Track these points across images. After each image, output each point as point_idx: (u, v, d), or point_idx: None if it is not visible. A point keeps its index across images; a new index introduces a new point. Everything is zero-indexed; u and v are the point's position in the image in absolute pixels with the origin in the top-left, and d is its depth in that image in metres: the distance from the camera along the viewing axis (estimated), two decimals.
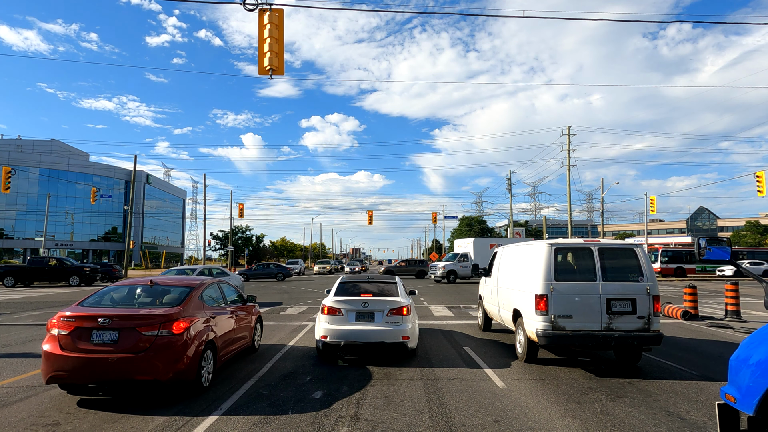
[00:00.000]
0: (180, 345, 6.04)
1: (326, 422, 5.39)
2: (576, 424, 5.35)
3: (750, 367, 3.08)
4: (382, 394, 6.50)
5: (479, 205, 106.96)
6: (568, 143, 44.14)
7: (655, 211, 44.40)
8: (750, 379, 3.05)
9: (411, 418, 5.55)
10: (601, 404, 6.10)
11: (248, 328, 8.82)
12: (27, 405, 6.06)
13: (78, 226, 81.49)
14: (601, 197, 47.81)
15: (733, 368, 3.26)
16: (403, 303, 8.50)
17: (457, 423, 5.38)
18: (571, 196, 44.20)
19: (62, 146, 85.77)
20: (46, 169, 78.06)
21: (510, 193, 54.64)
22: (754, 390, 3.00)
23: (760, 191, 28.67)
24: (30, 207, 76.38)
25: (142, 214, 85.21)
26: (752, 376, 3.04)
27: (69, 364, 5.81)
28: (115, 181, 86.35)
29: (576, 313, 7.65)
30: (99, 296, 6.87)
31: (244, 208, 78.86)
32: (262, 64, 9.73)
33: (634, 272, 7.85)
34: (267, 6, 9.61)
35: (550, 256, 7.92)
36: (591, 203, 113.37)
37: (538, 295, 7.76)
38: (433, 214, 60.51)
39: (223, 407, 5.91)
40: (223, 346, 7.34)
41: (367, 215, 52.46)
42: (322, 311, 8.57)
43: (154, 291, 7.00)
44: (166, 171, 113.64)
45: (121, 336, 5.91)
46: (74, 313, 6.08)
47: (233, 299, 8.58)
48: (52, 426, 5.29)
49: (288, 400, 6.22)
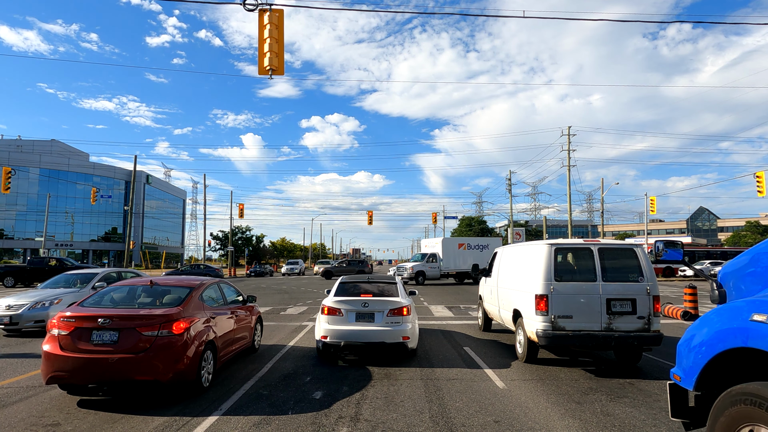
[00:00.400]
0: (180, 345, 6.04)
1: (326, 422, 5.39)
2: (576, 425, 5.35)
3: (692, 349, 3.35)
4: (382, 395, 6.50)
5: (479, 206, 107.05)
6: (568, 143, 44.14)
7: (655, 211, 44.37)
8: (691, 359, 3.34)
9: (411, 418, 5.55)
10: (601, 404, 6.10)
11: (248, 328, 8.82)
12: (27, 405, 6.06)
13: (78, 227, 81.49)
14: (601, 197, 47.83)
15: (679, 351, 3.56)
16: (403, 303, 8.50)
17: (458, 423, 5.38)
18: (571, 196, 44.24)
19: (62, 146, 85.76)
20: (46, 170, 78.05)
21: (510, 194, 54.66)
22: (694, 368, 3.29)
23: (760, 191, 28.67)
24: (30, 207, 76.37)
25: (142, 214, 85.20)
26: (692, 356, 3.32)
27: (69, 364, 5.81)
28: (115, 182, 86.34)
29: (576, 313, 7.65)
30: (99, 296, 6.87)
31: (244, 209, 78.90)
32: (262, 65, 9.73)
33: (634, 272, 7.85)
34: (267, 6, 9.62)
35: (550, 256, 7.92)
36: (591, 203, 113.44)
37: (538, 296, 7.75)
38: (433, 214, 60.52)
39: (223, 407, 5.91)
40: (223, 346, 7.34)
41: (367, 215, 52.41)
42: (322, 311, 8.57)
43: (155, 291, 7.01)
44: (166, 171, 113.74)
45: (121, 336, 5.91)
46: (74, 314, 6.08)
47: (233, 299, 8.58)
48: (53, 426, 5.29)
49: (288, 401, 6.22)
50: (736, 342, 2.91)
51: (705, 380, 3.27)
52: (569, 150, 44.02)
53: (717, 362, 3.17)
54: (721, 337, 3.06)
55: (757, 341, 2.76)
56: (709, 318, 3.30)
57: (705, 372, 3.23)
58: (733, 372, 3.21)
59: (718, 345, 3.06)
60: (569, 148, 44.05)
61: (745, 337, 2.85)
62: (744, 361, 3.12)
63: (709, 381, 3.29)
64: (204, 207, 56.71)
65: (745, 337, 2.85)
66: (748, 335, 2.84)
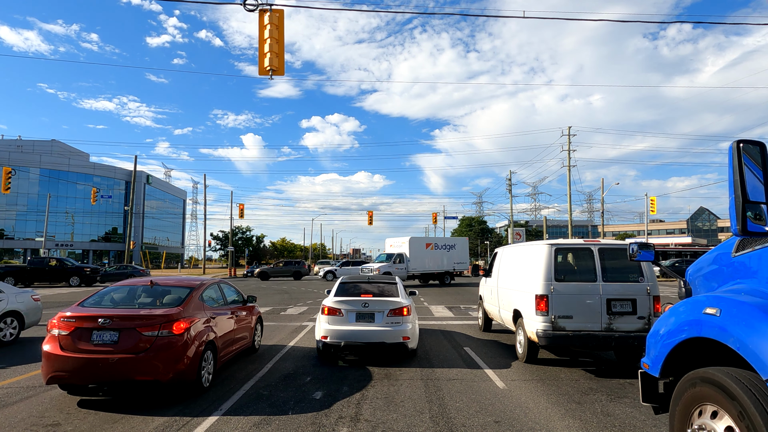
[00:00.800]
0: (180, 345, 6.04)
1: (326, 423, 5.39)
2: (576, 425, 5.35)
3: (658, 340, 3.62)
4: (382, 395, 6.50)
5: (479, 206, 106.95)
6: (569, 144, 44.15)
7: (655, 211, 44.37)
8: (657, 349, 3.62)
9: (411, 418, 5.55)
10: (601, 405, 6.10)
11: (248, 328, 8.82)
12: (27, 405, 6.06)
13: (78, 227, 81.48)
14: (601, 197, 47.82)
15: (648, 342, 3.81)
16: (404, 303, 8.50)
17: (458, 423, 5.38)
18: (571, 196, 44.24)
19: (63, 146, 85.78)
20: (46, 170, 78.04)
21: (510, 194, 54.67)
22: (659, 357, 3.57)
23: None
24: (30, 207, 76.36)
25: (142, 214, 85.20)
26: (658, 346, 3.60)
27: (69, 364, 5.81)
28: (116, 182, 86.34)
29: (576, 313, 7.65)
30: (99, 297, 6.87)
31: (245, 209, 78.93)
32: (262, 65, 9.73)
33: (634, 273, 7.85)
34: (267, 6, 9.62)
35: (550, 256, 7.92)
36: (591, 203, 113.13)
37: (539, 296, 7.75)
38: (433, 214, 60.51)
39: (223, 408, 5.91)
40: (223, 346, 7.34)
41: (367, 216, 52.41)
42: (323, 312, 8.57)
43: (155, 291, 7.01)
44: (166, 171, 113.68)
45: (122, 336, 5.91)
46: (75, 314, 6.08)
47: (233, 299, 8.58)
48: (53, 426, 5.30)
49: (288, 401, 6.22)
50: (692, 332, 3.17)
51: (669, 368, 3.55)
52: (569, 150, 44.04)
53: (679, 351, 3.44)
54: (681, 329, 3.32)
55: (708, 331, 3.01)
56: (673, 311, 3.58)
57: (668, 360, 3.50)
58: (693, 360, 3.46)
59: (679, 336, 3.33)
60: (569, 148, 44.07)
61: (699, 328, 3.11)
62: (701, 349, 3.38)
63: (673, 368, 3.56)
64: (204, 207, 56.82)
65: (699, 328, 3.11)
66: (701, 326, 3.09)
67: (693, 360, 3.48)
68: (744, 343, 2.70)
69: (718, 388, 2.85)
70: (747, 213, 2.65)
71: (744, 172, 2.69)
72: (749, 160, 2.73)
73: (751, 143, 2.77)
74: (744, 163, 2.71)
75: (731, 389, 2.73)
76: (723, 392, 2.80)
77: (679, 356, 3.50)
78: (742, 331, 2.74)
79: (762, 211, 2.67)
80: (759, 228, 2.68)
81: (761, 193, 2.68)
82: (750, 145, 2.76)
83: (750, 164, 2.71)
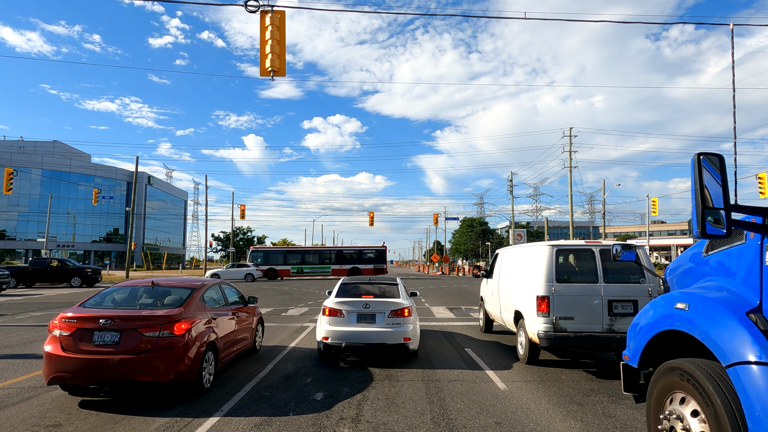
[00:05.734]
0: (181, 346, 6.04)
1: (327, 424, 5.39)
2: (578, 426, 5.34)
3: (636, 333, 3.89)
4: (383, 396, 6.49)
5: (481, 207, 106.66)
6: (570, 145, 44.11)
7: (656, 212, 44.33)
8: (636, 341, 3.88)
9: (412, 419, 5.55)
10: (602, 406, 6.09)
11: (249, 329, 8.82)
12: (28, 406, 6.06)
13: (80, 228, 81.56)
14: (602, 198, 47.75)
15: (628, 335, 4.07)
16: (405, 304, 8.49)
17: (459, 425, 5.37)
18: (572, 197, 44.12)
19: (64, 147, 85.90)
20: (48, 171, 78.16)
21: (511, 195, 54.59)
22: (637, 349, 3.84)
23: (762, 192, 28.60)
24: (32, 208, 76.46)
25: (143, 215, 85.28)
26: (637, 339, 3.86)
27: (70, 365, 5.81)
28: (117, 183, 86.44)
29: (577, 314, 7.64)
30: (100, 297, 6.87)
31: (246, 210, 78.88)
32: (263, 66, 9.75)
33: (635, 274, 7.84)
34: (269, 8, 9.64)
35: (551, 257, 7.91)
36: (593, 204, 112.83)
37: (540, 297, 7.74)
38: (434, 215, 60.56)
39: (224, 408, 5.91)
40: (224, 347, 7.34)
41: (368, 217, 52.45)
42: (324, 312, 8.57)
43: (156, 292, 7.01)
44: (167, 172, 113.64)
45: (123, 337, 5.92)
46: (76, 314, 6.09)
47: (234, 300, 8.58)
48: (54, 427, 5.30)
49: (289, 402, 6.22)
50: (666, 326, 3.46)
51: (646, 359, 3.82)
52: (571, 151, 43.98)
53: (655, 343, 3.72)
54: (656, 322, 3.60)
55: (679, 324, 3.30)
56: (651, 305, 3.84)
57: (646, 352, 3.77)
58: (668, 351, 3.73)
59: (654, 329, 3.61)
60: (571, 149, 44.01)
61: (672, 322, 3.39)
62: (675, 341, 3.64)
63: (651, 359, 3.82)
64: (206, 208, 56.83)
65: (672, 321, 3.39)
66: (673, 320, 3.38)
67: (669, 351, 3.72)
68: (707, 334, 2.99)
69: (685, 377, 3.14)
70: (707, 218, 2.85)
71: (704, 181, 2.90)
72: (711, 169, 2.93)
73: (710, 155, 2.97)
74: (704, 173, 2.91)
75: (696, 377, 3.02)
76: (689, 380, 3.09)
77: (656, 348, 3.76)
78: (706, 324, 3.04)
79: (721, 216, 2.87)
80: (718, 231, 2.86)
81: (720, 199, 2.89)
82: (710, 156, 2.96)
83: (710, 174, 2.93)
